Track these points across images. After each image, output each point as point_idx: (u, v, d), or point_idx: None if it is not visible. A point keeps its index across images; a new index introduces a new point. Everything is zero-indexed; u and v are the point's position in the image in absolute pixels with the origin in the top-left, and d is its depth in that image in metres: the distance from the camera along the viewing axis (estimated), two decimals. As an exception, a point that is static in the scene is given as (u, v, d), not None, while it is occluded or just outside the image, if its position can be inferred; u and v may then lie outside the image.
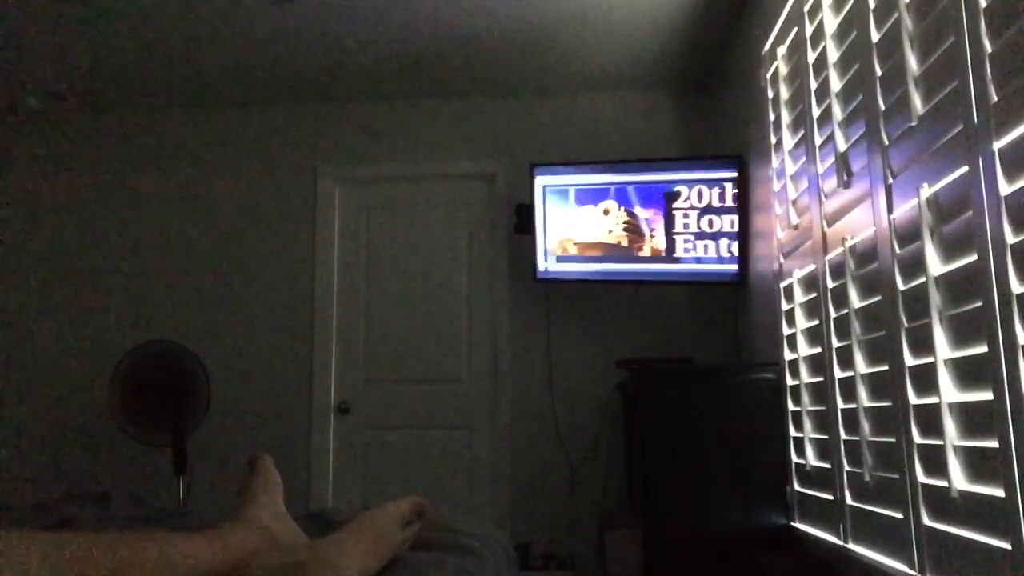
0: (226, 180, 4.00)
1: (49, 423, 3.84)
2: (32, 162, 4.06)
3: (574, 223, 3.39)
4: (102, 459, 3.76)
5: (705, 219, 3.25)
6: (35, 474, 3.78)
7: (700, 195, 3.25)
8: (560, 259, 3.44)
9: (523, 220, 3.63)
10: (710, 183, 3.25)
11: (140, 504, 3.70)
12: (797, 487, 2.33)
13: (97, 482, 3.71)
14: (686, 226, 3.25)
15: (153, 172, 4.03)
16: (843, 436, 1.90)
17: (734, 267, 3.12)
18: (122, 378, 3.36)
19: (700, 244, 3.11)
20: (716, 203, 3.24)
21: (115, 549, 0.80)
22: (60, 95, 3.83)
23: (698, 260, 3.12)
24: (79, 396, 3.83)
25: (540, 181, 3.43)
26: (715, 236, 3.23)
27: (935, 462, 1.41)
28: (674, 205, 3.16)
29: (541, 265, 3.43)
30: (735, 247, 3.19)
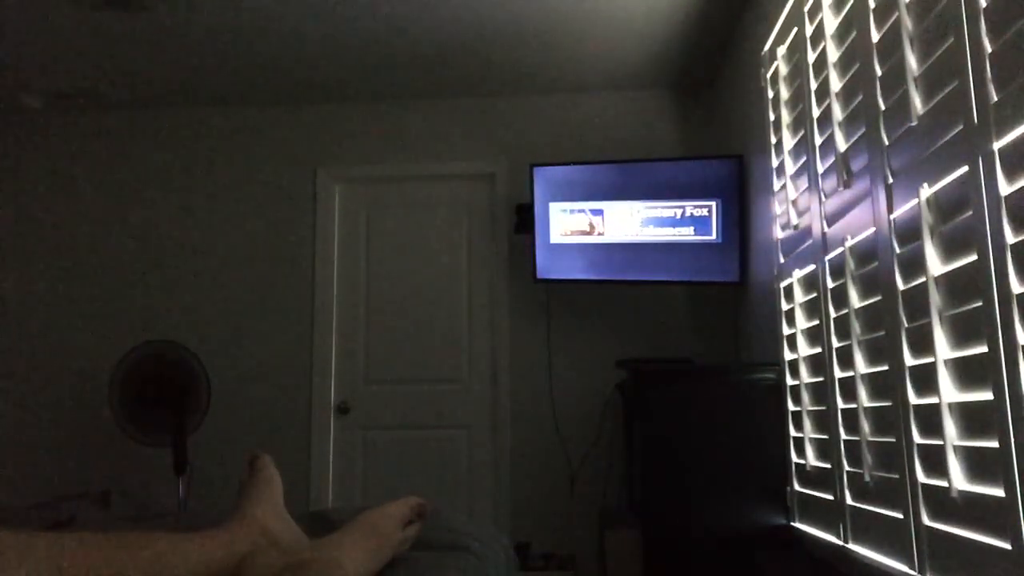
0: (226, 180, 4.00)
1: (49, 423, 3.84)
2: (32, 162, 4.06)
3: (567, 222, 3.45)
4: (102, 459, 3.76)
5: (702, 217, 3.27)
6: (35, 474, 3.78)
7: (700, 194, 3.28)
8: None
9: (523, 220, 3.63)
10: (709, 183, 3.26)
11: (140, 504, 3.71)
12: (797, 487, 2.33)
13: (97, 482, 3.71)
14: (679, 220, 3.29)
15: (153, 172, 4.03)
16: (843, 436, 1.90)
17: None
18: (122, 378, 3.36)
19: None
20: (715, 204, 3.25)
21: (115, 549, 0.80)
22: (60, 95, 3.83)
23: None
24: (79, 396, 3.83)
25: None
26: (708, 225, 3.24)
27: (935, 462, 1.41)
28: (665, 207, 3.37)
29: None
30: (734, 248, 3.20)
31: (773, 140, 2.56)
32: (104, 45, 3.32)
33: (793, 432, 2.36)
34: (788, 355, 2.40)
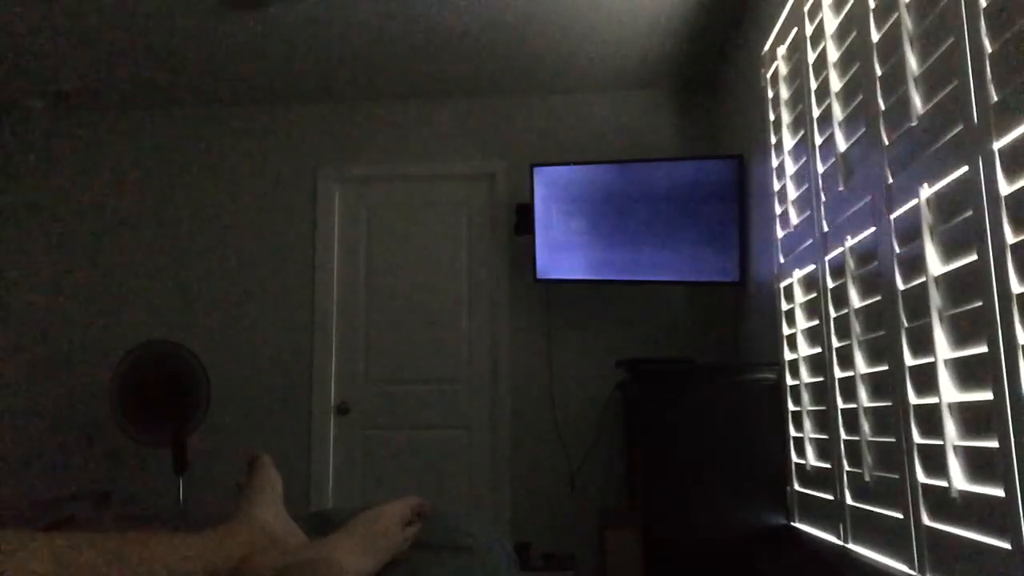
0: (226, 180, 4.00)
1: (49, 423, 3.84)
2: (32, 162, 4.06)
3: (568, 222, 3.45)
4: (102, 459, 3.76)
5: (704, 218, 3.27)
6: (35, 474, 3.78)
7: (700, 194, 3.27)
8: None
9: (523, 220, 3.63)
10: (709, 183, 3.26)
11: (140, 504, 3.71)
12: (797, 487, 2.33)
13: (97, 482, 3.71)
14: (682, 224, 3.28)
15: (153, 172, 4.03)
16: (843, 436, 1.90)
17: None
18: (122, 378, 3.36)
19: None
20: (715, 203, 3.25)
21: (114, 549, 0.80)
22: (60, 95, 3.83)
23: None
24: (79, 396, 3.83)
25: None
26: (714, 235, 3.24)
27: (935, 462, 1.41)
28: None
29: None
30: (734, 248, 3.20)
31: (773, 140, 2.56)
32: (104, 45, 3.32)
33: (793, 432, 2.36)
34: (788, 355, 2.40)
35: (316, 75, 3.69)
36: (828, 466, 2.01)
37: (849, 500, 1.88)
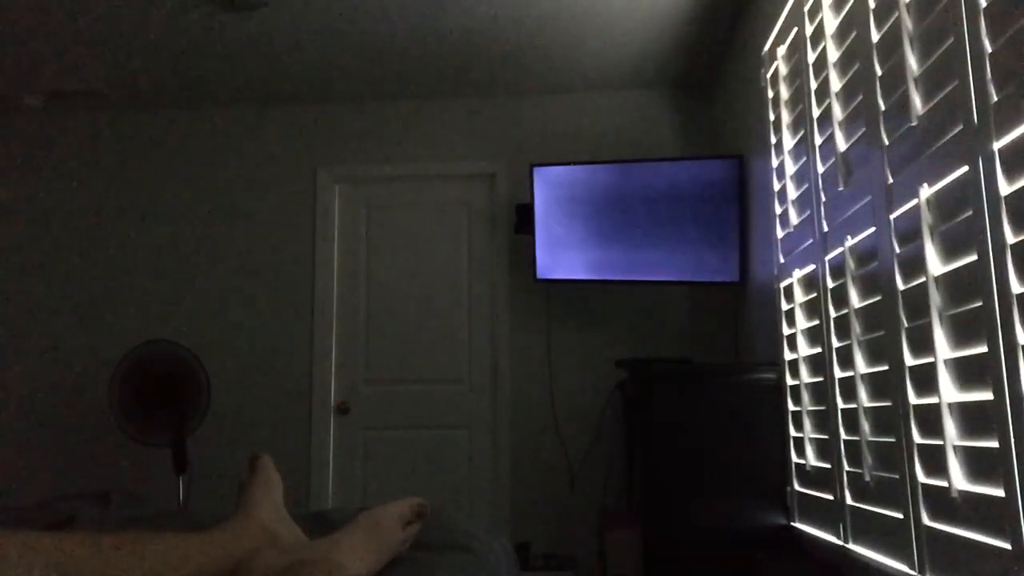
0: (226, 180, 4.00)
1: (49, 423, 3.84)
2: (32, 162, 4.06)
3: (568, 222, 3.45)
4: (102, 459, 3.76)
5: (704, 219, 3.27)
6: (35, 474, 3.78)
7: (700, 194, 3.27)
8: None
9: (523, 220, 3.63)
10: (709, 183, 3.26)
11: (140, 504, 3.69)
12: (797, 487, 2.33)
13: (97, 482, 3.71)
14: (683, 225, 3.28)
15: (153, 172, 4.03)
16: (843, 436, 1.90)
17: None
18: (122, 378, 3.36)
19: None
20: (715, 203, 3.25)
21: (115, 549, 0.80)
22: (60, 95, 3.83)
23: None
24: (79, 396, 3.83)
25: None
26: (714, 235, 3.24)
27: (935, 462, 1.41)
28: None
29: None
30: (734, 248, 3.20)
31: (773, 140, 2.56)
32: (104, 45, 3.32)
33: (793, 432, 2.36)
34: (788, 355, 2.40)
35: (316, 75, 3.68)
36: (828, 466, 2.01)
37: (849, 500, 1.88)
